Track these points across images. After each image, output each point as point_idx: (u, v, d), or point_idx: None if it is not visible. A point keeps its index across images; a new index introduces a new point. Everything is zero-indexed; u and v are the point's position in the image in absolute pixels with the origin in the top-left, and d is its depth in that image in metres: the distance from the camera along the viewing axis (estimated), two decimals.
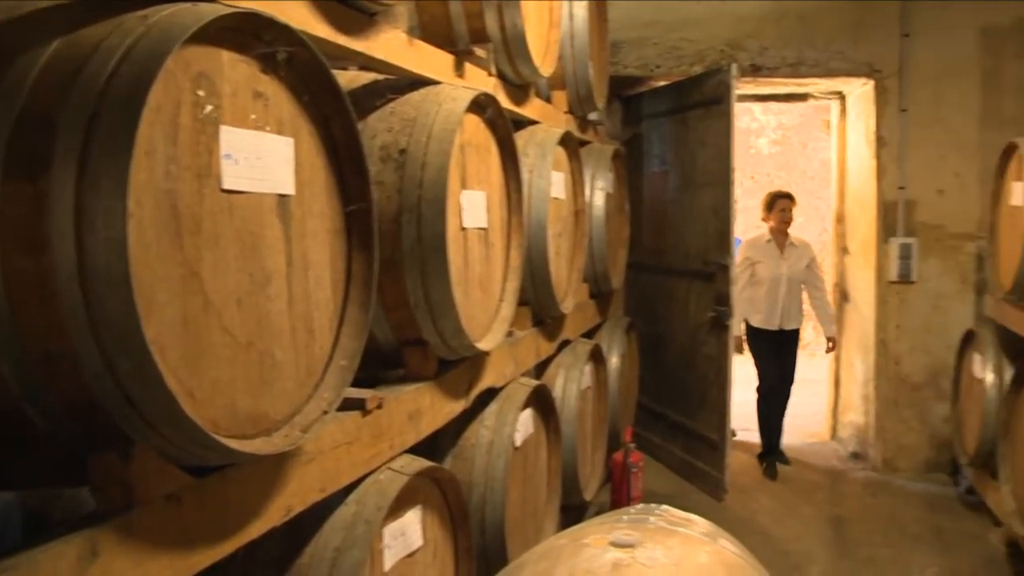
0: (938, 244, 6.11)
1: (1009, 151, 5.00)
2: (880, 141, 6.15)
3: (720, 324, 5.48)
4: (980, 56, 5.98)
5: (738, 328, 6.14)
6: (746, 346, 6.49)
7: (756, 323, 6.41)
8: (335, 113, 1.97)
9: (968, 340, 5.60)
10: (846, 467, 6.52)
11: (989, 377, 5.06)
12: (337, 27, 2.14)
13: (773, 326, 6.36)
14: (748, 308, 6.38)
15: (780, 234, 6.45)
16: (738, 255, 6.08)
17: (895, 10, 5.98)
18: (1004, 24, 5.93)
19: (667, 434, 6.26)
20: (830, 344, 6.70)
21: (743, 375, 6.73)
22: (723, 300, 5.45)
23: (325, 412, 1.89)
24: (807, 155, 10.84)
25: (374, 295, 2.10)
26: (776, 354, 6.44)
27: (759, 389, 6.61)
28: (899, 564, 4.78)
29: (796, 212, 6.68)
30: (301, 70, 1.85)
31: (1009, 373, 4.76)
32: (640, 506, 2.26)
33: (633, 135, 6.58)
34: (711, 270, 5.58)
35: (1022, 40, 5.92)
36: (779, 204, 6.44)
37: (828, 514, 5.46)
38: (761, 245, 6.47)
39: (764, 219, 6.59)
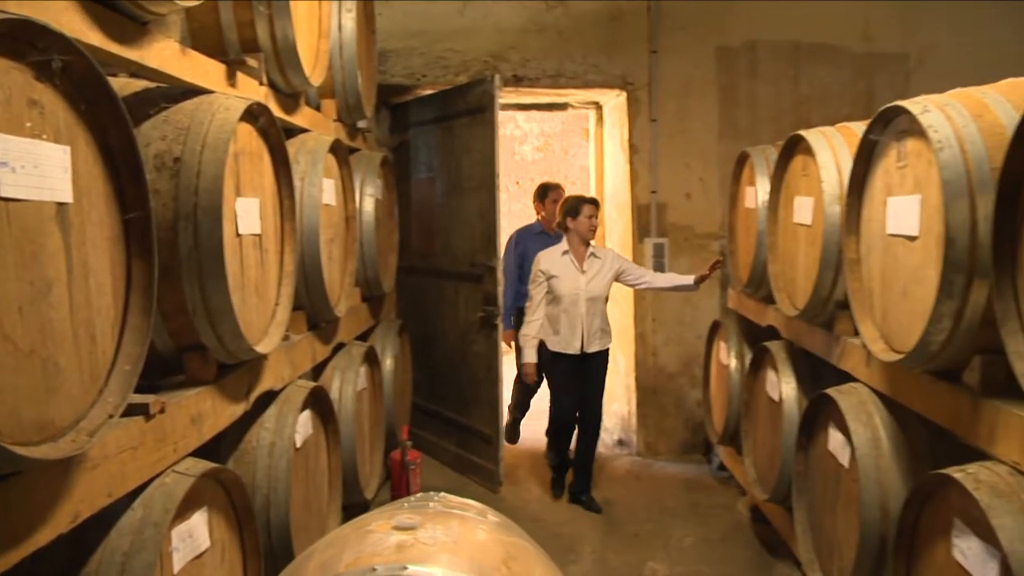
0: (687, 243, 6.65)
1: (742, 159, 5.56)
2: (633, 148, 6.62)
3: (489, 323, 5.73)
4: (717, 74, 6.59)
5: (533, 354, 5.54)
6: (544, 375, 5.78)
7: (553, 346, 5.52)
8: (112, 122, 1.99)
9: (715, 330, 6.13)
10: (612, 453, 6.94)
11: (733, 363, 5.58)
12: (110, 35, 2.15)
13: (573, 350, 5.50)
14: (545, 329, 5.54)
15: (581, 245, 5.53)
16: (532, 270, 5.59)
17: (644, 29, 6.47)
18: (735, 46, 6.57)
19: (443, 432, 6.44)
20: (712, 268, 5.60)
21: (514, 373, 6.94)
22: (491, 300, 5.71)
23: (111, 416, 1.91)
24: (569, 161, 11.35)
25: (155, 301, 2.13)
26: (577, 381, 5.63)
27: (551, 421, 5.88)
28: (661, 537, 5.19)
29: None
30: (77, 79, 1.87)
31: (749, 358, 5.28)
32: (420, 495, 2.40)
33: (401, 142, 6.71)
34: (479, 271, 5.82)
35: (750, 61, 6.59)
36: (585, 210, 5.51)
37: (597, 498, 5.79)
38: (557, 258, 5.51)
39: (561, 225, 5.65)
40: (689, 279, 5.59)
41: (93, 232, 1.95)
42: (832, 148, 3.86)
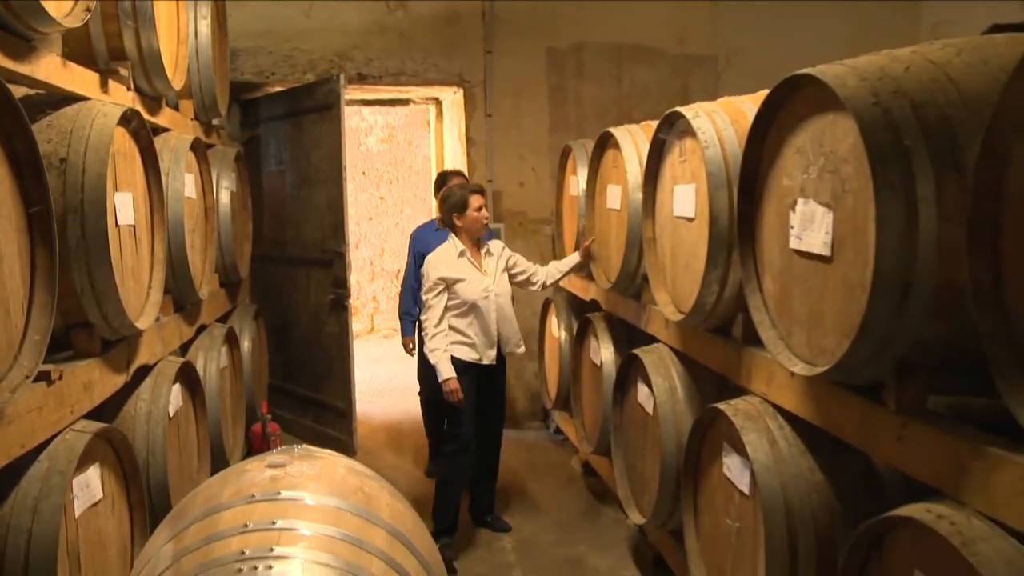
0: (522, 228, 7.23)
1: (566, 152, 6.15)
2: (470, 141, 7.13)
3: (340, 305, 6.15)
4: (548, 73, 7.17)
5: (451, 368, 4.66)
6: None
7: (463, 356, 4.76)
8: (17, 131, 2.36)
9: (547, 306, 6.73)
10: None
11: (562, 335, 6.18)
12: (6, 54, 2.50)
13: (489, 359, 4.83)
14: (451, 339, 4.74)
15: (472, 243, 4.88)
16: (426, 277, 4.76)
17: (480, 31, 6.98)
18: (564, 47, 7.16)
19: (299, 409, 6.82)
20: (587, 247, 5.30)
21: (369, 354, 7.27)
22: (340, 283, 6.14)
23: (27, 377, 2.29)
24: (413, 152, 11.75)
25: (57, 281, 2.51)
26: (483, 391, 4.91)
27: (456, 442, 4.89)
28: (502, 493, 5.75)
29: (405, 204, 6.44)
30: None
31: (575, 328, 5.89)
32: (285, 447, 2.85)
33: (251, 137, 7.01)
34: (328, 257, 6.23)
35: (578, 61, 7.20)
36: (473, 202, 4.83)
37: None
38: (453, 261, 4.76)
39: (446, 223, 4.95)
40: (576, 257, 5.32)
41: (4, 225, 2.32)
42: (635, 144, 4.50)
